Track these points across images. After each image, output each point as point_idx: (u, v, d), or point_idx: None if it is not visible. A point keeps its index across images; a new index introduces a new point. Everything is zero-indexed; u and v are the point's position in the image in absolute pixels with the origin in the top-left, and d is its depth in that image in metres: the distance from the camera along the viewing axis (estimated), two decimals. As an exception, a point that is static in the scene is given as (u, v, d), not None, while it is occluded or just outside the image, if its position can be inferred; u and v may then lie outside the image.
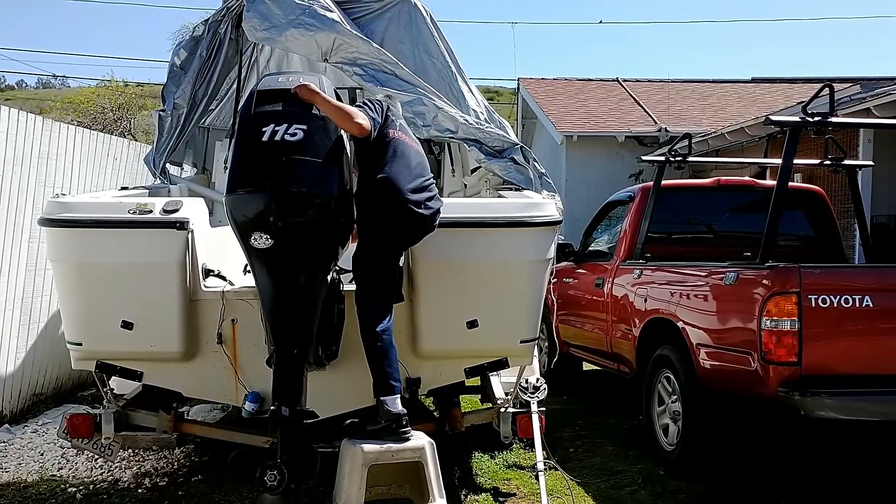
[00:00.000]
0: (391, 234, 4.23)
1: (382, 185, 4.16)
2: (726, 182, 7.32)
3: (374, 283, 4.25)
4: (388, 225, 4.19)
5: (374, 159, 4.23)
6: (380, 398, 4.15)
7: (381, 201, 4.17)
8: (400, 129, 4.44)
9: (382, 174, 4.17)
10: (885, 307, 4.77)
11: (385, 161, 4.22)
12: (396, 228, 4.21)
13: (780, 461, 5.88)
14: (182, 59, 6.14)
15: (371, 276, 4.24)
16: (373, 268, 4.24)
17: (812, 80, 18.77)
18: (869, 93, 10.10)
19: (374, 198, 4.20)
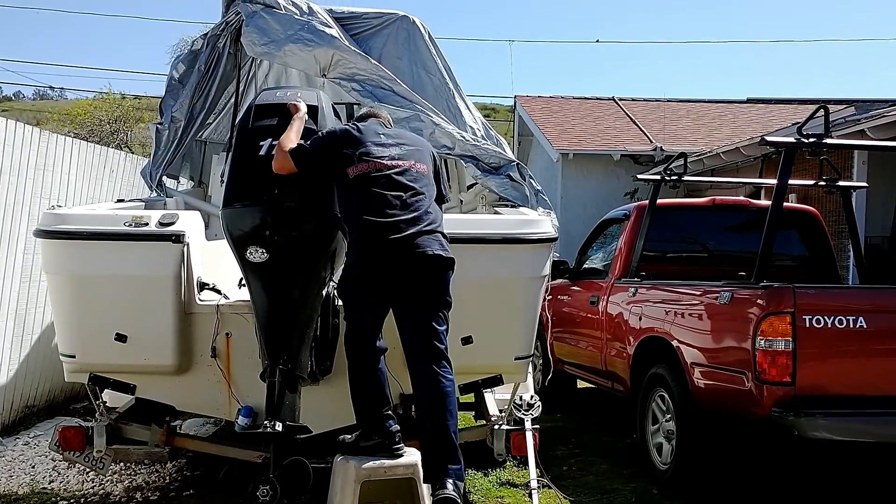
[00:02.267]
0: (356, 275, 3.98)
1: (346, 227, 4.00)
2: (721, 202, 7.34)
3: (351, 323, 4.10)
4: (352, 269, 3.98)
5: (340, 197, 4.04)
6: None
7: (350, 242, 3.99)
8: (380, 158, 4.01)
9: (342, 214, 4.00)
10: (880, 328, 4.78)
11: (348, 199, 3.97)
12: (361, 271, 3.96)
13: (773, 481, 5.87)
14: (180, 72, 6.16)
15: (349, 316, 4.10)
16: (347, 307, 4.10)
17: (807, 102, 18.87)
18: (863, 115, 10.14)
19: (349, 238, 4.02)
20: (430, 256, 3.90)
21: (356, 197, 3.92)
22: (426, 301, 3.99)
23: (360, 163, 3.95)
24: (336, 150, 3.99)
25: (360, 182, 3.93)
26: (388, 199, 3.90)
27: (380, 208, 3.88)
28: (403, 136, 4.34)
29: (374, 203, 3.89)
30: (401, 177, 3.99)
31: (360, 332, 4.05)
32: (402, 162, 4.05)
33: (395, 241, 3.84)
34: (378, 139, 4.09)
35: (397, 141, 4.17)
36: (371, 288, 3.96)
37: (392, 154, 4.05)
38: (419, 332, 3.99)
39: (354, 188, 3.93)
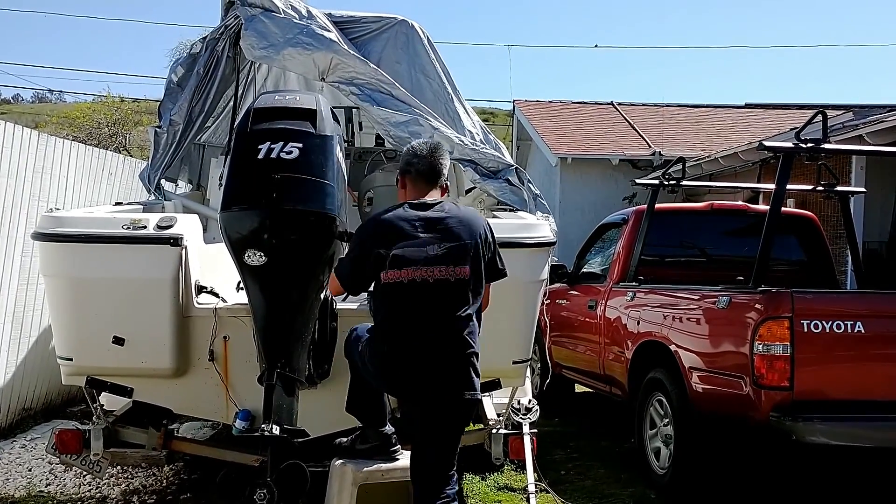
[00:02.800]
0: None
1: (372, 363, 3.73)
2: (719, 206, 7.35)
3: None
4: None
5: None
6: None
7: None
8: (415, 264, 3.50)
9: (373, 343, 3.70)
10: (877, 333, 4.79)
11: (381, 316, 3.66)
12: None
13: (771, 486, 5.87)
14: (179, 75, 6.16)
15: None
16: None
17: (805, 107, 18.89)
18: (861, 120, 10.16)
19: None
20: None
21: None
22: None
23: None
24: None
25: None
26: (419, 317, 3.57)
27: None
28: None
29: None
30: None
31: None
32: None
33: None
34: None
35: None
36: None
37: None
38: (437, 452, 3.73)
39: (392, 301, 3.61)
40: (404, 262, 3.51)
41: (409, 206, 3.67)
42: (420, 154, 3.81)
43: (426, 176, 3.79)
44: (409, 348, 3.56)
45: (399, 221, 3.60)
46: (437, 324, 3.54)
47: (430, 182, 3.80)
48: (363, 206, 7.43)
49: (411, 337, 3.55)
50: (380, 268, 3.54)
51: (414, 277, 3.50)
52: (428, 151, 3.81)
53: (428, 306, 3.54)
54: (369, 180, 7.49)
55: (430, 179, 3.81)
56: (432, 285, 3.51)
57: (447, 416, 3.64)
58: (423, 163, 3.79)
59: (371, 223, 3.73)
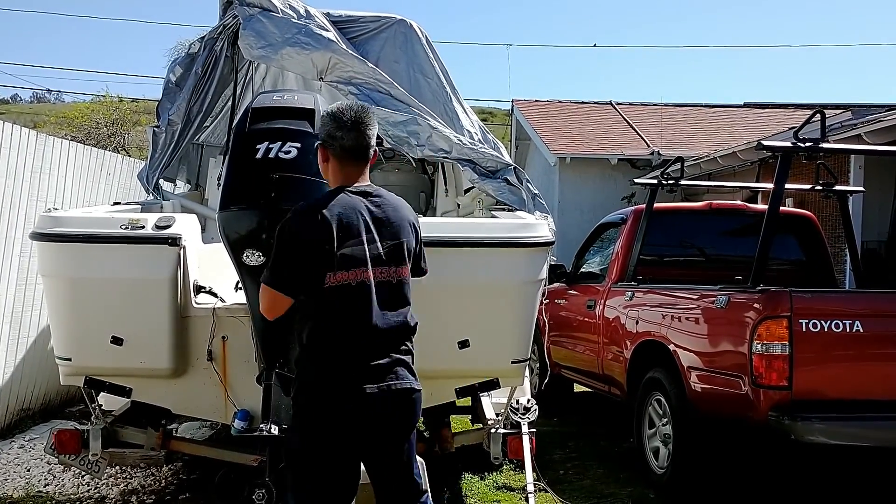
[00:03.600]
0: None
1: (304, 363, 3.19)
2: (718, 206, 7.35)
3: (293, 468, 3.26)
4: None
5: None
6: None
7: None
8: (373, 262, 3.07)
9: (308, 345, 3.14)
10: (876, 332, 4.79)
11: (319, 319, 3.11)
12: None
13: (770, 486, 5.87)
14: (177, 75, 6.15)
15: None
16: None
17: (803, 106, 18.90)
18: (860, 119, 10.17)
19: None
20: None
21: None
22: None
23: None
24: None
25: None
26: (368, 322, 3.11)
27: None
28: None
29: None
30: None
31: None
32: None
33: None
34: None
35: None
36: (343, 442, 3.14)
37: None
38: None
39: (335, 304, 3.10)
40: (353, 262, 3.06)
41: (350, 193, 3.16)
42: (345, 125, 3.18)
43: (353, 153, 3.21)
44: (355, 358, 3.09)
45: (346, 212, 3.09)
46: (379, 331, 3.10)
47: (359, 160, 3.23)
48: (362, 205, 7.44)
49: (356, 346, 3.09)
50: (326, 268, 3.04)
51: (363, 279, 3.07)
52: (353, 122, 3.18)
53: (370, 311, 3.09)
54: (368, 180, 7.50)
55: (358, 157, 3.23)
56: (375, 287, 3.10)
57: (394, 424, 3.17)
58: (350, 138, 3.19)
59: (311, 214, 3.09)
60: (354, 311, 3.09)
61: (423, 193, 7.56)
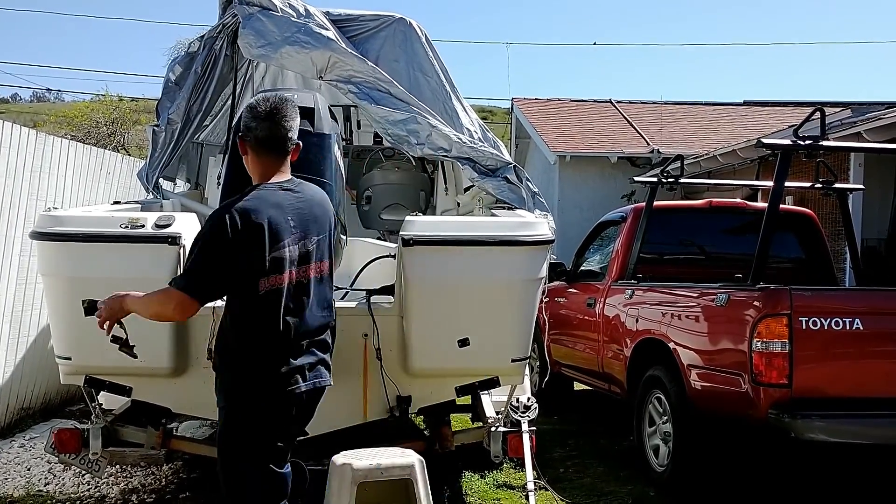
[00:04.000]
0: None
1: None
2: (718, 204, 7.35)
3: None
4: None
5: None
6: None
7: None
8: (312, 260, 3.09)
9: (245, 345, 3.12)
10: (876, 330, 4.80)
11: (254, 323, 3.09)
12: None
13: (770, 484, 5.87)
14: (177, 74, 6.15)
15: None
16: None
17: (803, 104, 18.90)
18: (860, 117, 10.17)
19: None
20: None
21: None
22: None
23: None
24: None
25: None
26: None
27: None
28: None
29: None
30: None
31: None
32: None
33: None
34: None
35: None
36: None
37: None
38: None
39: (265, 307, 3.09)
40: (285, 264, 3.01)
41: (273, 190, 3.10)
42: (259, 115, 3.12)
43: (267, 144, 3.14)
44: (293, 357, 3.14)
45: (274, 213, 3.01)
46: (311, 330, 3.16)
47: (275, 152, 3.16)
48: (362, 204, 7.44)
49: (294, 347, 3.12)
50: (258, 274, 2.98)
51: (298, 279, 3.04)
52: (268, 112, 3.12)
53: (304, 311, 3.10)
54: (367, 179, 7.51)
55: (273, 148, 3.16)
56: (306, 286, 3.08)
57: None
58: (263, 129, 3.12)
59: (239, 214, 2.98)
60: (289, 313, 3.06)
61: (423, 192, 7.55)
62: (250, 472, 3.19)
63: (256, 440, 3.17)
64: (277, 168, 3.17)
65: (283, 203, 3.07)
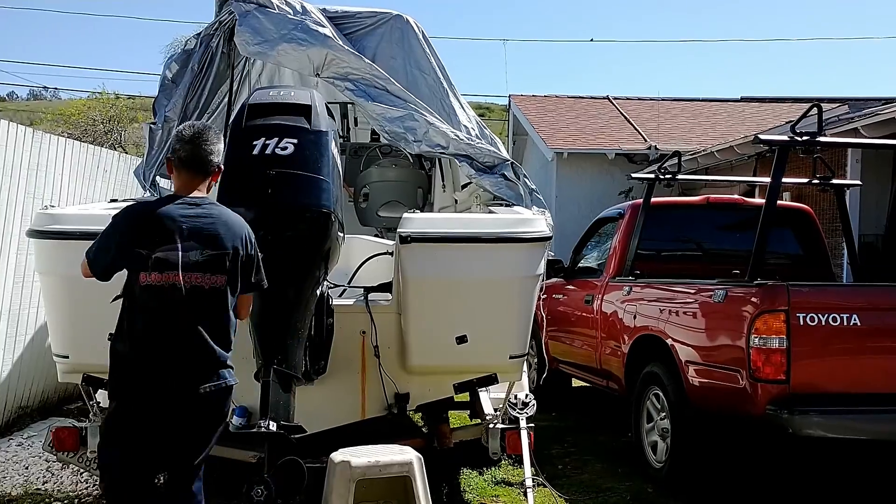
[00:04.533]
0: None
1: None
2: (715, 200, 7.36)
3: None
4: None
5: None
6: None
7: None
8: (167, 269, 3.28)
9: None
10: (873, 326, 4.80)
11: (129, 315, 3.43)
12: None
13: (768, 479, 5.88)
14: (174, 72, 6.13)
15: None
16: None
17: (800, 100, 18.92)
18: (857, 113, 10.17)
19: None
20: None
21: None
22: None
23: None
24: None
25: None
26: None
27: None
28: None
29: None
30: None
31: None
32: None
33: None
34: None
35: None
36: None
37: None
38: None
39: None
40: (166, 266, 3.28)
41: (176, 204, 3.39)
42: (183, 139, 3.46)
43: (188, 165, 3.45)
44: (151, 348, 3.39)
45: (166, 221, 3.33)
46: (181, 330, 3.35)
47: (196, 173, 3.47)
48: (359, 201, 7.45)
49: (155, 338, 3.37)
50: (139, 268, 3.30)
51: (174, 282, 3.29)
52: (191, 136, 3.45)
53: (178, 312, 3.33)
54: (365, 176, 7.51)
55: (194, 169, 3.46)
56: (188, 291, 3.31)
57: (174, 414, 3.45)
58: (186, 150, 3.44)
59: (135, 215, 3.41)
60: (162, 312, 3.34)
61: (421, 189, 7.55)
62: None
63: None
64: (193, 186, 3.47)
65: (174, 214, 3.36)
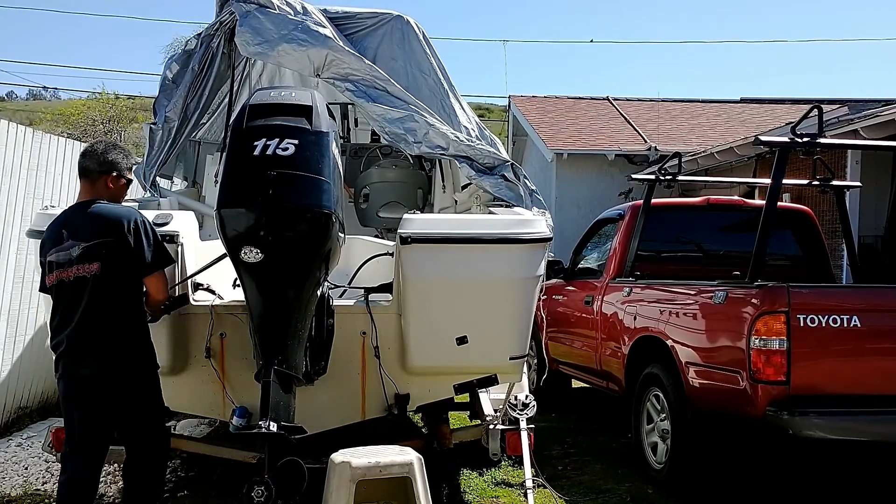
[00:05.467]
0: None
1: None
2: (715, 201, 7.36)
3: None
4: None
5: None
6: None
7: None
8: (67, 265, 3.83)
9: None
10: (873, 327, 4.80)
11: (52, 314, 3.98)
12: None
13: (768, 480, 5.88)
14: (174, 72, 6.13)
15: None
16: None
17: (800, 101, 18.93)
18: (857, 114, 10.17)
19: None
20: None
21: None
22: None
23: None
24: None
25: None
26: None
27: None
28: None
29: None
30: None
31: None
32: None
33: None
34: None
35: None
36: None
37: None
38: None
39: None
40: (55, 266, 3.86)
41: (69, 209, 4.06)
42: (82, 153, 4.12)
43: (80, 173, 4.06)
44: (65, 340, 3.86)
45: (54, 227, 3.95)
46: (82, 317, 3.82)
47: (85, 179, 4.05)
48: (359, 202, 7.45)
49: (67, 329, 3.85)
50: (45, 271, 3.93)
51: (62, 279, 3.84)
52: (83, 151, 4.14)
53: (74, 302, 3.82)
54: (365, 176, 7.51)
55: (83, 177, 4.06)
56: (73, 283, 3.82)
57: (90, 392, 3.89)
58: (79, 162, 4.08)
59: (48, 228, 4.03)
60: (63, 307, 3.85)
61: (421, 190, 7.56)
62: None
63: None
64: (86, 192, 4.04)
65: (63, 218, 3.98)
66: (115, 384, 3.89)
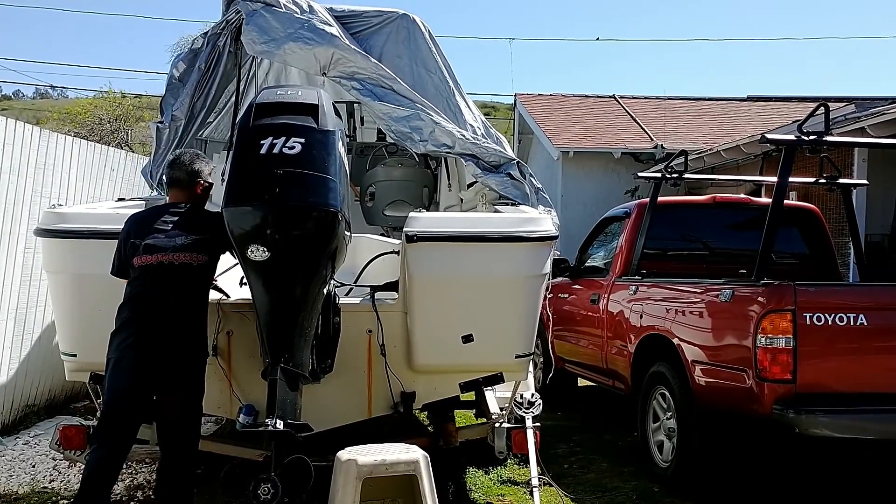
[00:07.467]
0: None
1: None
2: (722, 199, 7.34)
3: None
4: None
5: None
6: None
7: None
8: (161, 251, 4.10)
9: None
10: (880, 325, 4.79)
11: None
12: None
13: (774, 479, 5.87)
14: (181, 71, 6.14)
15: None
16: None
17: (807, 99, 18.88)
18: (864, 112, 10.12)
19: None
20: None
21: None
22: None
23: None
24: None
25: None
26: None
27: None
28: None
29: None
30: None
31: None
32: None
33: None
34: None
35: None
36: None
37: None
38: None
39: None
40: (155, 250, 4.10)
41: (162, 206, 4.41)
42: (170, 164, 4.51)
43: (170, 183, 4.46)
44: (150, 315, 4.07)
45: (147, 217, 4.28)
46: (176, 298, 4.11)
47: (175, 187, 4.41)
48: (365, 200, 7.45)
49: (153, 306, 4.09)
50: (131, 254, 4.13)
51: (162, 261, 4.09)
52: (169, 163, 4.55)
53: (171, 284, 4.12)
54: (371, 175, 7.51)
55: (174, 185, 4.42)
56: (178, 268, 4.10)
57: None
58: (168, 174, 4.47)
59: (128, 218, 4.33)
60: (150, 285, 4.13)
61: (426, 188, 7.55)
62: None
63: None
64: (176, 197, 4.38)
65: (155, 212, 4.30)
66: (178, 362, 4.08)
